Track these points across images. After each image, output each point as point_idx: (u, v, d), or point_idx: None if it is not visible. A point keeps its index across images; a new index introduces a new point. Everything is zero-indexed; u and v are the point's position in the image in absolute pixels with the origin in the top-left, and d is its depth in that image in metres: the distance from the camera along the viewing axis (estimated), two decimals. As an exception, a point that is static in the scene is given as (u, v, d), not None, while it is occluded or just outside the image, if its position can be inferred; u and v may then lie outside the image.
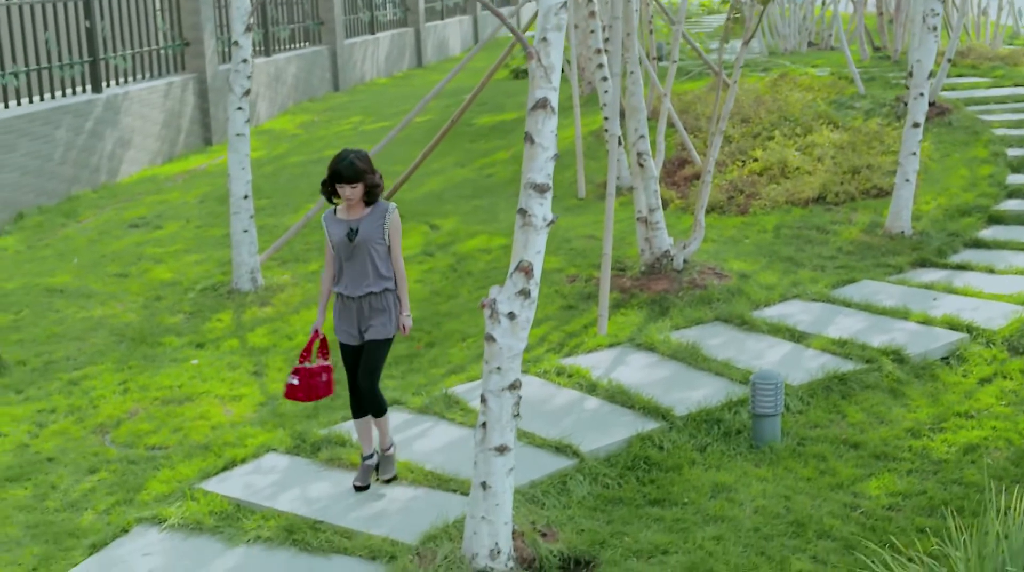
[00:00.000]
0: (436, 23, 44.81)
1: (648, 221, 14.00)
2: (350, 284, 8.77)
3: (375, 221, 8.68)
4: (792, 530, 8.91)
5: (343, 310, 8.86)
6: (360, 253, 8.64)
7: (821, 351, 11.89)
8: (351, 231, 8.63)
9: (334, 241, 8.73)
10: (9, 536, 9.18)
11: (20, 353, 12.96)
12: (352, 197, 8.57)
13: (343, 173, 8.47)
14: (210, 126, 26.01)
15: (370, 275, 8.71)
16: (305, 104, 31.59)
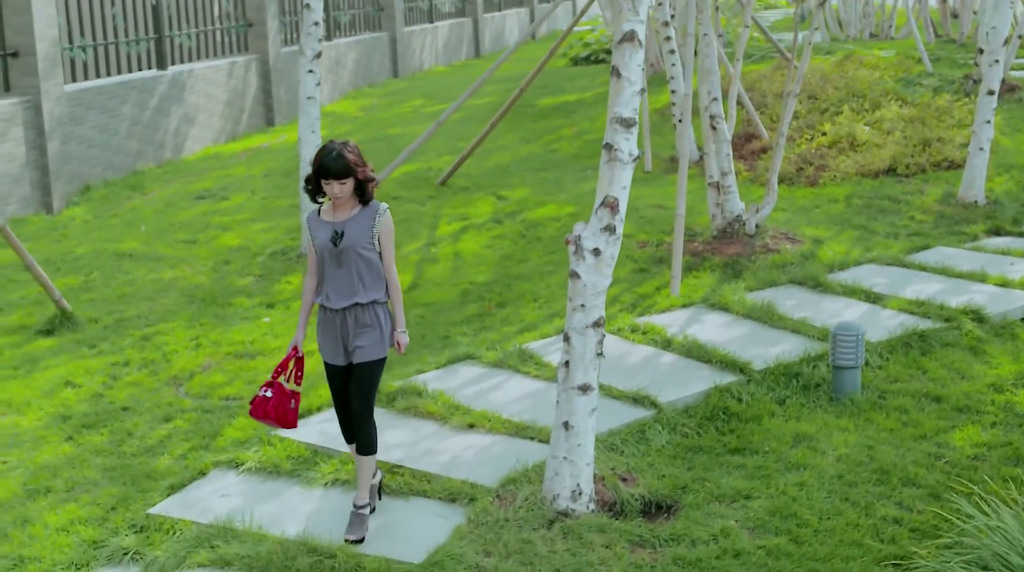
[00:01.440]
0: (494, 14, 44.75)
1: (720, 185, 13.87)
2: (334, 294, 7.62)
3: (364, 223, 7.55)
4: (876, 477, 8.78)
5: (326, 324, 7.73)
6: (346, 260, 7.52)
7: (898, 311, 11.73)
8: (336, 234, 7.52)
9: (317, 245, 7.60)
10: (87, 478, 9.17)
11: (91, 311, 13.00)
12: (341, 194, 7.45)
13: (330, 167, 7.34)
14: (272, 107, 26.05)
15: (356, 285, 7.58)
16: (365, 89, 31.61)
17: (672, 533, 8.10)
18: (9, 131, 17.40)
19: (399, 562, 7.68)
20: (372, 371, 7.70)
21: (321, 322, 7.77)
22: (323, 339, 7.78)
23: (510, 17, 46.92)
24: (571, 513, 8.22)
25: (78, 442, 9.81)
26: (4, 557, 8.04)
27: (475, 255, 14.52)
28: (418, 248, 14.96)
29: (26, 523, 8.48)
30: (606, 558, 7.80)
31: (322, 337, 7.79)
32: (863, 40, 32.09)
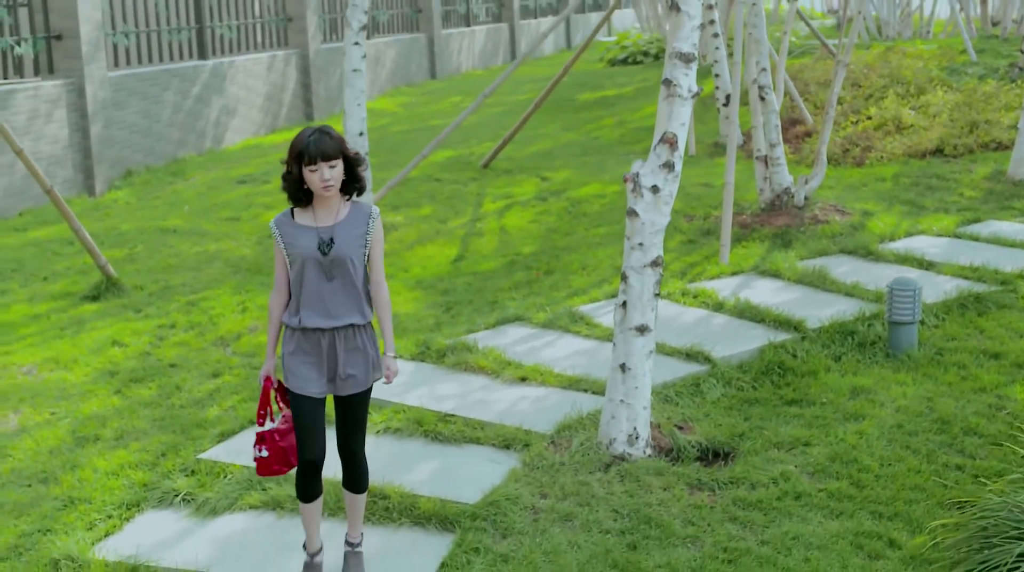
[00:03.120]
0: (530, 21, 44.74)
1: (768, 158, 13.74)
2: (318, 313, 6.25)
3: (356, 228, 6.23)
4: (937, 427, 8.64)
5: (303, 347, 6.31)
6: (338, 272, 6.21)
7: (952, 276, 11.58)
8: (324, 242, 6.16)
9: (297, 254, 6.20)
10: (137, 428, 9.10)
11: (136, 280, 12.97)
12: (332, 180, 6.06)
13: (318, 146, 6.02)
14: (312, 101, 26.05)
15: (351, 301, 6.28)
16: (403, 88, 31.63)
17: (731, 476, 7.98)
18: (53, 113, 17.41)
19: (454, 502, 7.57)
20: (366, 403, 6.51)
21: (295, 346, 6.32)
22: (298, 366, 6.31)
23: (545, 25, 46.89)
24: (628, 457, 8.10)
25: (126, 395, 9.74)
26: (54, 499, 7.97)
27: (520, 229, 14.43)
28: (463, 223, 14.88)
29: (75, 468, 8.41)
30: (665, 499, 7.68)
31: (296, 364, 6.32)
32: (903, 38, 31.93)
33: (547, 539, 7.24)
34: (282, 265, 6.35)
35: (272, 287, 6.80)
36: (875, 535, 7.31)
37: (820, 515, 7.55)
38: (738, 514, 7.56)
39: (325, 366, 6.34)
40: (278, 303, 6.43)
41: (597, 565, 7.02)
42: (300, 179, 6.09)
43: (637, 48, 33.13)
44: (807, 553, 7.13)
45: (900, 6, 33.56)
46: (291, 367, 6.35)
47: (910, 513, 7.54)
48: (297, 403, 6.38)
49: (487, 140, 19.74)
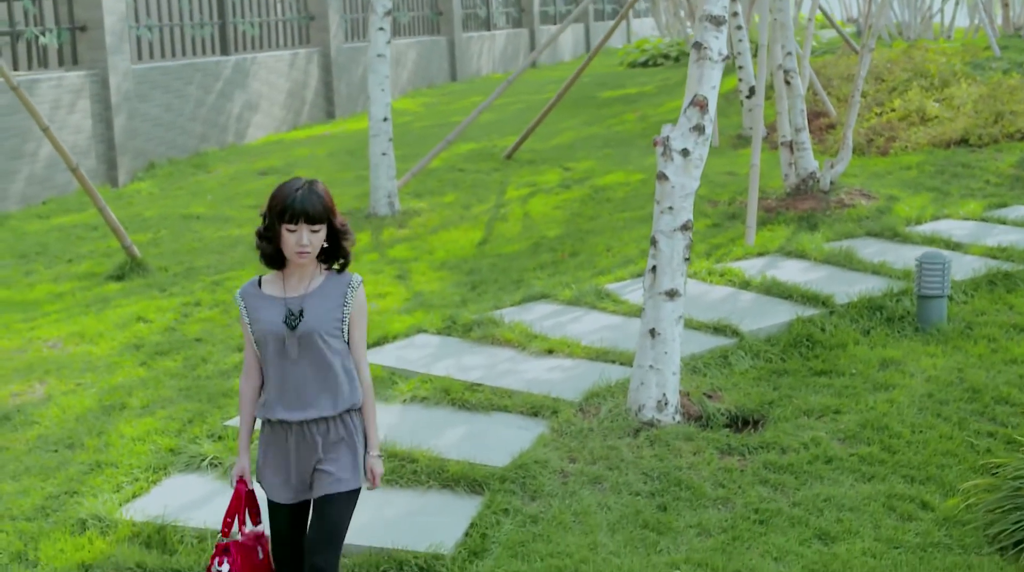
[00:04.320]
0: (550, 27, 44.73)
1: (794, 143, 13.68)
2: (284, 402, 5.23)
3: (331, 298, 5.22)
4: (968, 396, 8.58)
5: (273, 444, 5.33)
6: (306, 351, 5.19)
7: (980, 256, 11.50)
8: (291, 314, 5.17)
9: (261, 330, 5.21)
10: (163, 397, 9.09)
11: (161, 262, 12.97)
12: (311, 247, 5.10)
13: (303, 205, 5.05)
14: (333, 100, 26.08)
15: (320, 387, 5.23)
16: (424, 90, 31.63)
17: (761, 442, 7.93)
18: (77, 103, 17.43)
19: (483, 466, 7.53)
20: (342, 508, 5.26)
21: (267, 442, 5.35)
22: (268, 465, 5.35)
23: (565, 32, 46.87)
24: (657, 423, 8.06)
25: (151, 367, 9.73)
26: (81, 463, 7.95)
27: (544, 215, 14.41)
28: (487, 209, 14.85)
29: (102, 434, 8.40)
30: (695, 463, 7.63)
31: (266, 462, 5.35)
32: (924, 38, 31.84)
33: (577, 501, 7.20)
34: (251, 344, 5.29)
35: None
36: (907, 497, 7.26)
37: (852, 478, 7.50)
38: (769, 477, 7.51)
39: (293, 468, 5.27)
40: (249, 389, 5.37)
41: (627, 525, 6.98)
42: (274, 237, 5.12)
43: (657, 51, 33.09)
44: (839, 514, 7.08)
45: (920, 12, 33.50)
46: (261, 466, 5.37)
47: (942, 477, 7.49)
48: (272, 514, 5.42)
49: (509, 134, 19.71)
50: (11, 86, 11.50)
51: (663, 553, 6.74)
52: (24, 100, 11.46)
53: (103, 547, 6.78)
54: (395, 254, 13.01)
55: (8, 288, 12.28)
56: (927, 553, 6.71)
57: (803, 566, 6.58)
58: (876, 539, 6.84)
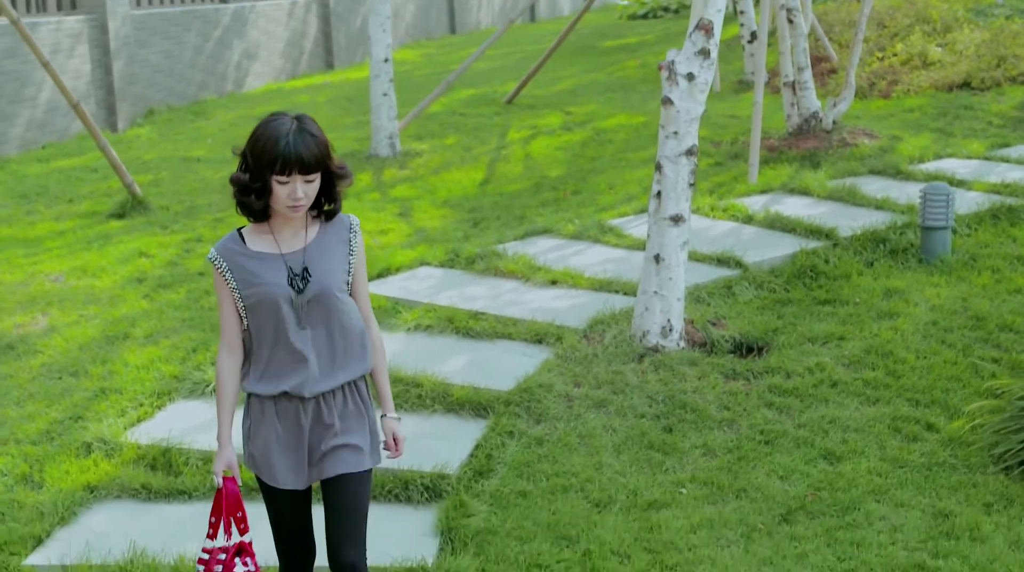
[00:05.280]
0: (549, -21, 44.51)
1: (796, 83, 13.62)
2: (294, 374, 4.46)
3: (335, 248, 4.50)
4: (972, 324, 8.59)
5: (278, 424, 4.53)
6: (318, 314, 4.44)
7: (984, 192, 11.46)
8: (295, 275, 4.40)
9: (261, 295, 4.40)
10: (167, 327, 9.08)
11: (162, 201, 12.94)
12: (305, 201, 4.32)
13: (293, 150, 4.23)
14: (332, 50, 25.95)
15: (339, 353, 4.51)
16: (423, 41, 31.48)
17: (766, 366, 7.94)
18: (76, 48, 17.36)
19: (487, 390, 7.54)
20: (364, 489, 4.58)
21: (263, 422, 4.54)
22: (269, 449, 4.53)
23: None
24: (661, 349, 8.06)
25: (154, 299, 9.72)
26: (85, 390, 7.96)
27: (546, 155, 14.37)
28: (488, 151, 14.81)
29: (106, 362, 8.40)
30: (699, 387, 7.64)
31: (267, 446, 4.54)
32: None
33: (582, 423, 7.21)
34: (232, 313, 4.48)
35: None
36: (913, 419, 7.28)
37: (856, 401, 7.51)
38: (774, 400, 7.53)
39: (305, 446, 4.52)
40: (230, 367, 4.54)
41: (633, 446, 6.99)
42: (263, 189, 4.30)
43: (657, 4, 32.93)
44: (844, 435, 7.10)
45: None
46: (259, 453, 4.56)
47: (947, 400, 7.51)
48: (274, 503, 4.63)
49: (510, 81, 19.65)
50: (11, 19, 11.45)
51: (669, 472, 6.76)
52: (24, 34, 11.42)
53: (108, 469, 6.79)
54: (397, 193, 12.98)
55: (9, 226, 12.26)
56: (932, 472, 6.73)
57: (808, 484, 6.60)
58: (881, 459, 6.85)
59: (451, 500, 6.35)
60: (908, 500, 6.44)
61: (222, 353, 4.56)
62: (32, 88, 16.21)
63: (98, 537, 6.22)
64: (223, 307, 4.50)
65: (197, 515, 6.38)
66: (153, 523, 6.38)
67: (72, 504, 6.50)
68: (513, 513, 6.30)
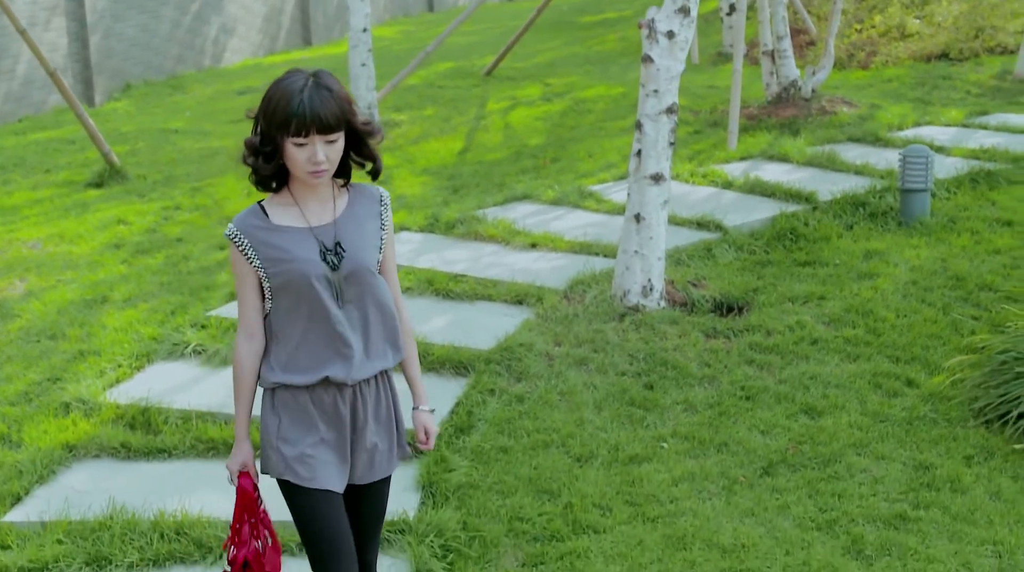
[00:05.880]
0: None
1: (776, 51, 13.62)
2: (333, 358, 4.02)
3: (366, 223, 4.08)
4: (952, 283, 8.60)
5: (315, 416, 4.06)
6: (353, 292, 4.02)
7: (963, 158, 11.48)
8: (327, 250, 3.98)
9: (292, 274, 3.96)
10: (145, 291, 9.05)
11: (140, 171, 12.88)
12: (327, 165, 3.88)
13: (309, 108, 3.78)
14: (310, 26, 25.86)
15: (378, 332, 4.10)
16: (400, 18, 31.40)
17: (746, 325, 7.95)
18: (51, 20, 17.25)
19: (468, 349, 7.51)
20: (387, 491, 4.32)
21: (299, 415, 4.06)
22: (310, 446, 4.05)
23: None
24: (642, 308, 8.05)
25: (133, 264, 9.68)
26: (63, 352, 7.92)
27: (526, 125, 14.34)
28: (467, 121, 14.77)
29: (84, 325, 8.36)
30: (680, 345, 7.64)
31: (307, 442, 4.05)
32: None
33: (563, 381, 7.20)
34: (255, 295, 4.03)
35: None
36: (893, 375, 7.29)
37: (837, 358, 7.52)
38: (755, 357, 7.53)
39: (344, 438, 4.09)
40: (251, 354, 4.06)
41: (614, 403, 6.99)
42: (276, 152, 3.88)
43: (636, -20, 32.88)
44: (825, 391, 7.11)
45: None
46: (293, 453, 4.03)
47: (927, 357, 7.52)
48: (313, 507, 4.06)
49: (488, 54, 19.60)
50: (-15, -13, 11.36)
51: (650, 428, 6.76)
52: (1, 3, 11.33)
53: (87, 428, 6.74)
54: (376, 162, 12.93)
55: (-14, 196, 12.22)
56: (913, 426, 6.74)
57: (790, 438, 6.60)
58: (862, 413, 6.86)
59: (432, 455, 6.32)
60: (889, 453, 6.44)
61: (241, 340, 4.05)
62: (8, 60, 16.11)
63: (77, 495, 6.17)
64: (243, 289, 4.00)
65: (177, 472, 6.36)
66: (133, 480, 6.35)
67: (51, 463, 6.45)
68: (494, 468, 6.28)
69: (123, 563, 5.57)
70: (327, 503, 4.04)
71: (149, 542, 5.70)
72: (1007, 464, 6.35)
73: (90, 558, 5.55)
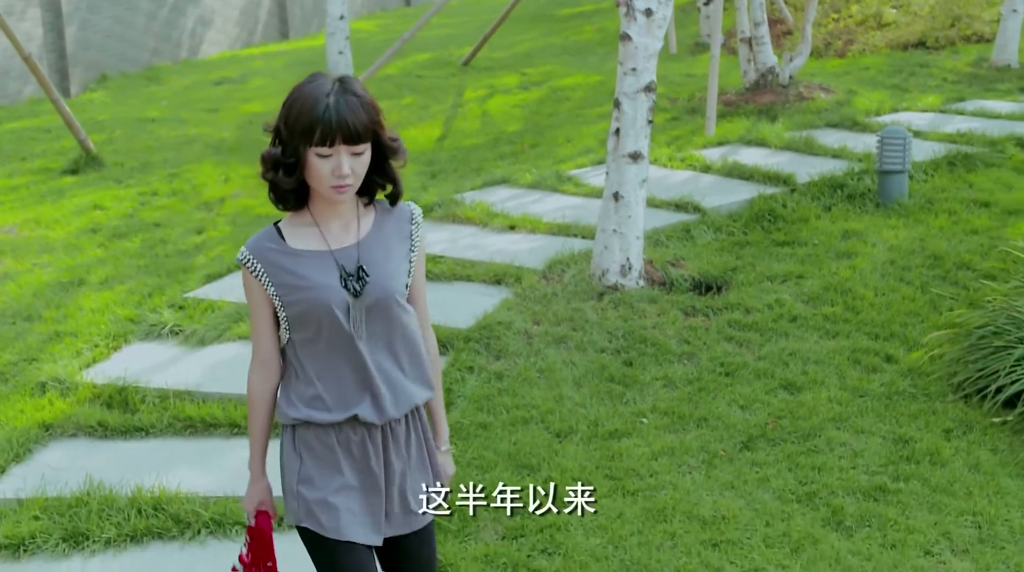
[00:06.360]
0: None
1: (753, 38, 13.62)
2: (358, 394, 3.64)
3: (393, 245, 3.70)
4: (930, 262, 8.61)
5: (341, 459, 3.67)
6: (378, 323, 3.63)
7: (940, 142, 11.48)
8: (349, 275, 3.59)
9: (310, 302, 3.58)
10: (122, 273, 9.01)
11: (117, 158, 12.82)
12: (352, 179, 3.49)
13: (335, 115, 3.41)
14: (287, 20, 25.78)
15: (408, 366, 3.72)
16: (378, 12, 31.35)
17: (725, 303, 7.94)
18: (27, 11, 17.17)
19: (446, 327, 7.48)
20: (434, 543, 3.89)
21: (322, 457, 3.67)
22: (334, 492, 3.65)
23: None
24: (620, 287, 8.04)
25: (109, 248, 9.64)
26: (39, 333, 7.88)
27: (503, 113, 14.33)
28: (445, 109, 14.75)
29: (60, 307, 8.32)
30: (659, 323, 7.63)
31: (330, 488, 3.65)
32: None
33: (541, 358, 7.19)
34: (268, 323, 3.67)
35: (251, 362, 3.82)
36: (872, 351, 7.30)
37: (816, 335, 7.52)
38: (734, 334, 7.53)
39: (373, 484, 3.67)
40: (264, 386, 3.73)
41: (593, 380, 6.98)
42: (298, 164, 3.48)
43: (614, -27, 32.88)
44: (804, 367, 7.11)
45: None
46: (315, 497, 3.64)
47: (906, 334, 7.53)
48: (336, 560, 3.66)
49: (466, 45, 19.58)
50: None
51: (629, 404, 6.75)
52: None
53: (63, 407, 6.71)
54: (355, 149, 12.90)
55: (-40, 184, 12.15)
56: (892, 401, 6.75)
57: (769, 413, 6.60)
58: (842, 388, 6.87)
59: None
60: (868, 427, 6.45)
61: (254, 371, 3.71)
62: (-18, 51, 16.04)
63: (54, 472, 6.14)
64: (256, 317, 3.64)
65: (154, 450, 6.34)
66: (110, 458, 6.32)
67: (27, 441, 6.42)
68: (473, 444, 6.26)
69: (100, 539, 5.54)
70: (351, 555, 3.62)
71: (127, 518, 5.67)
72: (986, 437, 6.36)
73: (67, 534, 5.53)
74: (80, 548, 5.49)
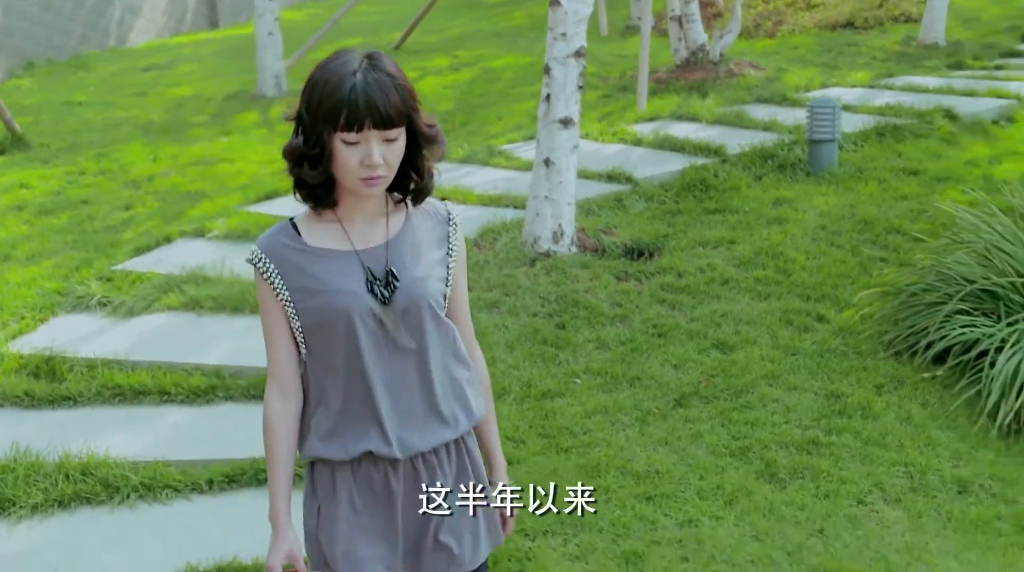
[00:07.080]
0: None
1: (683, 15, 13.65)
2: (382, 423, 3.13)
3: (428, 247, 3.19)
4: (860, 227, 8.66)
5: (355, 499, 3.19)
6: (407, 335, 3.12)
7: (870, 114, 11.54)
8: (375, 279, 3.07)
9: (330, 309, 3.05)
10: (49, 249, 8.89)
11: (43, 140, 12.66)
12: (383, 170, 2.97)
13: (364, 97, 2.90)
14: (216, 8, 25.59)
15: (442, 392, 3.19)
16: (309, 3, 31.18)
17: (657, 268, 7.95)
18: (-51, -4, 16.95)
19: (377, 296, 7.41)
20: None
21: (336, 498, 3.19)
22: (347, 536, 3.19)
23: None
24: (553, 254, 8.02)
25: (35, 224, 9.52)
26: (-36, 308, 7.74)
27: (435, 93, 14.28)
28: (375, 90, 14.65)
29: (-15, 282, 8.18)
30: (592, 287, 7.62)
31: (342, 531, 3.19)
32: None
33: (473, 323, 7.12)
34: (285, 335, 3.15)
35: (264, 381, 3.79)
36: (804, 312, 7.32)
37: (748, 297, 7.54)
38: (666, 297, 7.53)
39: (400, 528, 3.20)
40: (284, 415, 3.17)
41: (526, 342, 6.95)
42: (324, 153, 2.96)
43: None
44: (737, 327, 7.12)
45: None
46: (330, 537, 3.19)
47: (837, 295, 7.56)
48: None
49: (397, 30, 19.51)
50: None
51: (563, 365, 6.73)
52: None
53: (-11, 378, 6.60)
54: (285, 129, 12.80)
55: None
56: (824, 358, 6.77)
57: (702, 371, 6.61)
58: (774, 347, 6.88)
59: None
60: (801, 384, 6.46)
61: (271, 395, 3.16)
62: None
63: (-21, 441, 6.05)
64: (271, 328, 3.12)
65: (83, 418, 6.26)
66: (37, 427, 6.23)
67: (-48, 412, 6.32)
68: (406, 405, 6.21)
69: (27, 504, 5.46)
70: None
71: (54, 483, 5.59)
72: (916, 392, 6.39)
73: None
74: (6, 514, 5.40)
